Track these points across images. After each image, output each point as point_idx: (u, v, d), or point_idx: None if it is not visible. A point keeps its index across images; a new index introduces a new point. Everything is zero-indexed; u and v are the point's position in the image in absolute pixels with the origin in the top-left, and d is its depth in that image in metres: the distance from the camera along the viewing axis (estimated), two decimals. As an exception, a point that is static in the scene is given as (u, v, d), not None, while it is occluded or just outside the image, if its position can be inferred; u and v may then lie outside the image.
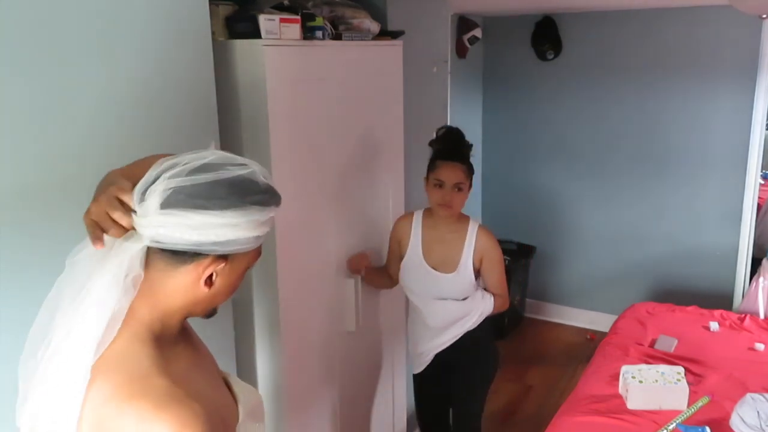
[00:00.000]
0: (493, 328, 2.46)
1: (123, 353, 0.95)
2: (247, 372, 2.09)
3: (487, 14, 4.34)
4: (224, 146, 1.84)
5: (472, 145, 2.30)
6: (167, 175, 0.95)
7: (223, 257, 0.99)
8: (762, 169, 3.99)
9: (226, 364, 1.85)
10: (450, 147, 2.23)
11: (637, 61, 4.01)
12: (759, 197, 4.00)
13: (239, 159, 1.02)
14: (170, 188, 0.94)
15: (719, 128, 3.87)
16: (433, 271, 2.29)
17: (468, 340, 2.34)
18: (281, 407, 2.12)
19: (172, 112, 1.61)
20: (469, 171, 2.23)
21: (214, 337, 1.54)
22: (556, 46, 4.22)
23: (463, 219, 2.32)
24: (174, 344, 1.03)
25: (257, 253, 1.06)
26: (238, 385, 1.17)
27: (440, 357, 2.38)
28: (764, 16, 3.55)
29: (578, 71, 4.21)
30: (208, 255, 0.98)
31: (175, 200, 0.94)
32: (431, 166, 2.23)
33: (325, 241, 2.25)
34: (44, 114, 1.34)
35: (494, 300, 2.35)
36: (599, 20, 4.07)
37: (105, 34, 1.44)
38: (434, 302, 2.30)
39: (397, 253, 2.39)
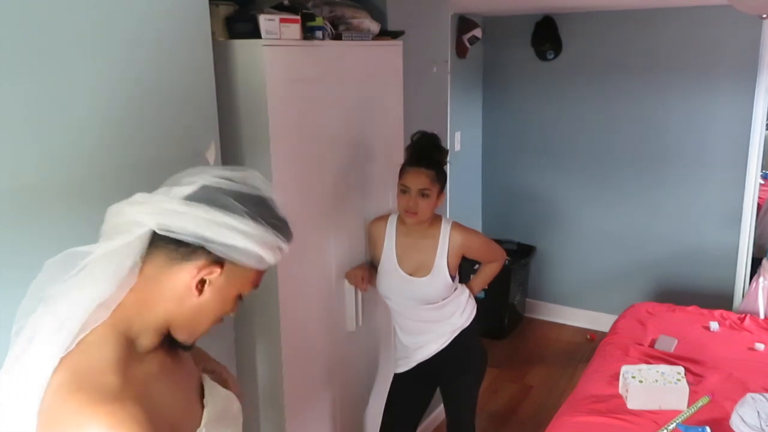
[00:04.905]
0: (479, 329, 2.44)
1: (91, 344, 0.95)
2: (247, 372, 2.08)
3: (487, 14, 4.34)
4: (224, 146, 1.84)
5: (447, 151, 2.28)
6: (207, 172, 1.03)
7: (220, 263, 1.00)
8: (762, 169, 3.99)
9: (227, 364, 1.84)
10: (418, 153, 2.20)
11: (637, 61, 4.01)
12: (759, 197, 4.00)
13: (268, 187, 1.07)
14: (202, 184, 1.01)
15: (719, 128, 3.87)
16: (409, 276, 2.27)
17: (456, 342, 2.33)
18: (281, 408, 2.12)
19: (172, 112, 1.61)
20: (438, 177, 2.19)
21: (214, 337, 1.54)
22: (556, 46, 4.22)
23: (435, 221, 2.29)
24: (148, 348, 1.03)
25: (253, 280, 1.07)
26: (211, 392, 1.16)
27: (425, 364, 2.36)
28: (764, 16, 3.55)
29: (578, 71, 4.21)
30: (208, 255, 0.99)
31: (202, 195, 0.99)
32: (400, 173, 2.21)
33: (325, 240, 2.24)
34: (44, 114, 1.34)
35: (492, 266, 2.43)
36: (599, 20, 4.07)
37: (104, 34, 1.44)
38: (411, 308, 2.30)
39: (373, 253, 2.39)
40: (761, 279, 3.52)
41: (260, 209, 1.02)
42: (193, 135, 1.69)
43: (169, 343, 1.06)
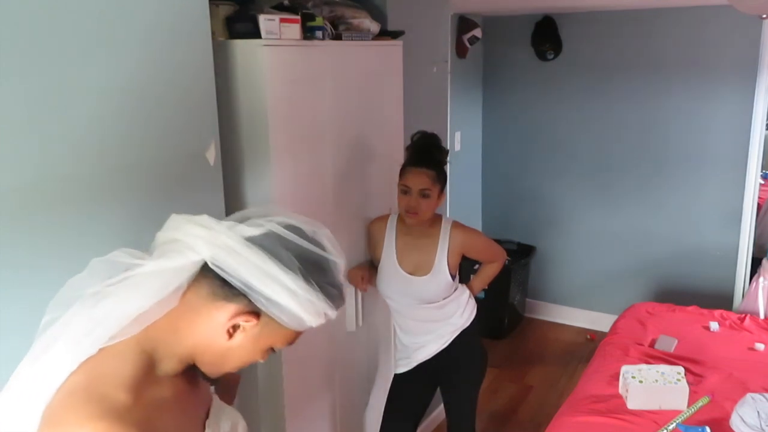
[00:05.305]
0: (479, 329, 2.44)
1: (113, 355, 0.94)
2: (247, 373, 2.08)
3: (487, 14, 4.34)
4: (224, 146, 1.84)
5: (447, 151, 2.28)
6: (276, 220, 1.00)
7: (257, 313, 0.98)
8: (762, 169, 3.99)
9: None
10: (419, 153, 2.21)
11: (637, 61, 4.01)
12: (759, 197, 4.00)
13: (337, 250, 1.04)
14: (269, 231, 0.98)
15: (719, 128, 3.87)
16: (409, 276, 2.27)
17: (457, 342, 2.33)
18: (281, 408, 2.12)
19: (172, 112, 1.61)
20: (438, 177, 2.19)
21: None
22: (556, 46, 4.22)
23: (436, 220, 2.29)
24: (168, 373, 1.00)
25: (289, 338, 1.04)
26: (215, 416, 1.13)
27: (425, 364, 2.36)
28: (764, 16, 3.55)
29: (578, 71, 4.21)
30: (249, 302, 0.96)
31: (265, 242, 0.97)
32: (401, 173, 2.22)
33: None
34: (43, 114, 1.34)
35: (492, 266, 2.44)
36: (599, 20, 4.07)
37: (104, 34, 1.44)
38: (411, 308, 2.30)
39: (373, 253, 2.39)
40: (761, 279, 3.52)
41: (317, 270, 0.98)
42: (193, 135, 1.69)
43: (191, 367, 1.04)
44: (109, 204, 1.49)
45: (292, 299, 0.96)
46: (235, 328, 0.98)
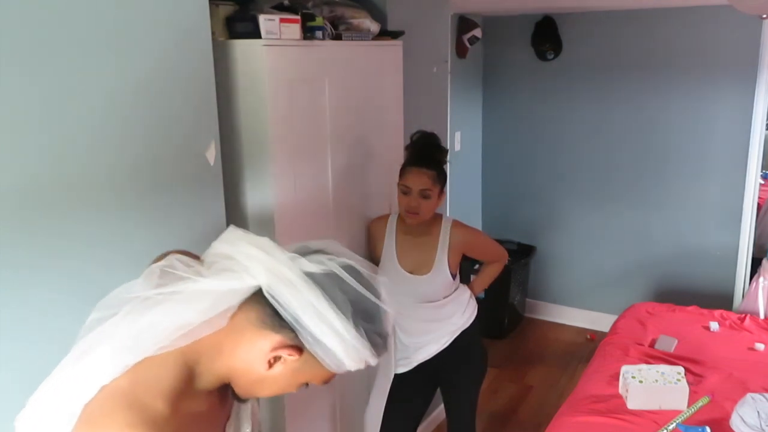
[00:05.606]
0: (479, 329, 2.44)
1: (158, 364, 0.94)
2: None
3: (487, 14, 4.34)
4: (224, 146, 1.84)
5: (447, 150, 2.28)
6: (337, 260, 0.99)
7: (300, 350, 0.98)
8: (762, 169, 3.99)
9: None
10: (419, 153, 2.21)
11: (637, 61, 4.01)
12: (759, 197, 3.99)
13: (390, 299, 1.03)
14: (329, 270, 0.97)
15: (719, 128, 3.87)
16: (409, 274, 2.27)
17: (457, 343, 2.33)
18: (281, 408, 2.12)
19: (172, 111, 1.61)
20: (439, 177, 2.19)
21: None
22: (556, 46, 4.22)
23: (436, 219, 2.29)
24: (205, 388, 1.01)
25: (325, 377, 1.04)
26: (237, 415, 1.14)
27: (426, 364, 2.36)
28: (764, 16, 3.55)
29: (578, 71, 4.21)
30: (295, 337, 0.96)
31: (324, 281, 0.96)
32: (401, 173, 2.22)
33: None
34: (43, 114, 1.34)
35: (494, 267, 2.45)
36: (599, 20, 4.07)
37: (104, 34, 1.44)
38: (412, 307, 2.29)
39: (374, 252, 2.40)
40: (761, 279, 3.52)
41: (368, 318, 0.98)
42: (193, 135, 1.69)
43: (225, 385, 1.04)
44: (108, 204, 1.49)
45: (338, 343, 0.96)
46: (276, 359, 0.98)
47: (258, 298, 0.97)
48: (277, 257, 0.98)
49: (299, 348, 0.97)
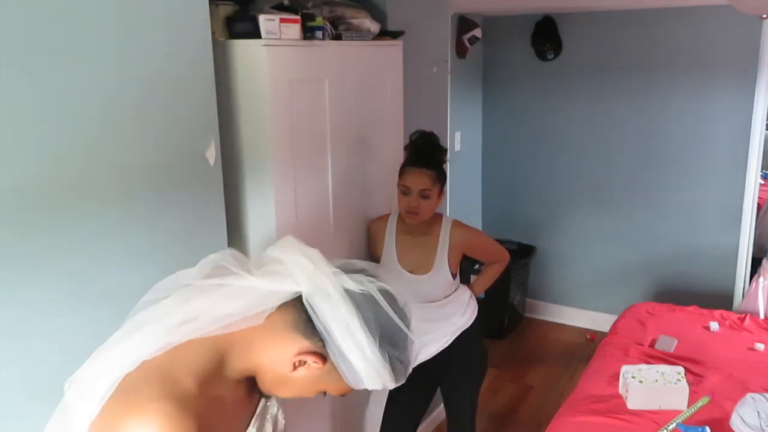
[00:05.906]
0: (480, 329, 2.44)
1: (195, 345, 0.99)
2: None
3: (487, 14, 4.34)
4: (224, 146, 1.84)
5: (446, 150, 2.28)
6: (377, 283, 1.05)
7: (324, 359, 1.02)
8: (762, 169, 3.99)
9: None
10: (418, 153, 2.21)
11: (637, 61, 4.01)
12: (759, 197, 3.99)
13: (417, 326, 1.09)
14: (367, 292, 1.03)
15: (719, 128, 3.87)
16: (409, 274, 2.27)
17: (457, 343, 2.32)
18: (280, 407, 2.11)
19: (172, 112, 1.61)
20: (438, 177, 2.20)
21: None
22: (556, 46, 4.22)
23: (436, 219, 2.29)
24: (232, 377, 1.05)
25: (342, 390, 1.08)
26: (262, 419, 1.18)
27: (426, 364, 2.34)
28: (764, 16, 3.55)
29: (578, 71, 4.21)
30: (323, 346, 1.01)
31: (361, 301, 1.02)
32: (400, 173, 2.22)
33: (324, 241, 2.24)
34: (43, 114, 1.34)
35: (495, 267, 2.44)
36: (599, 20, 4.07)
37: (104, 34, 1.44)
38: (412, 307, 2.29)
39: (374, 252, 2.40)
40: (761, 279, 3.52)
41: (393, 343, 1.03)
42: (193, 135, 1.69)
43: (252, 379, 1.09)
44: (108, 204, 1.49)
45: (361, 361, 1.01)
46: (301, 363, 1.03)
47: (296, 303, 1.03)
48: (322, 269, 1.04)
49: (324, 357, 1.02)
